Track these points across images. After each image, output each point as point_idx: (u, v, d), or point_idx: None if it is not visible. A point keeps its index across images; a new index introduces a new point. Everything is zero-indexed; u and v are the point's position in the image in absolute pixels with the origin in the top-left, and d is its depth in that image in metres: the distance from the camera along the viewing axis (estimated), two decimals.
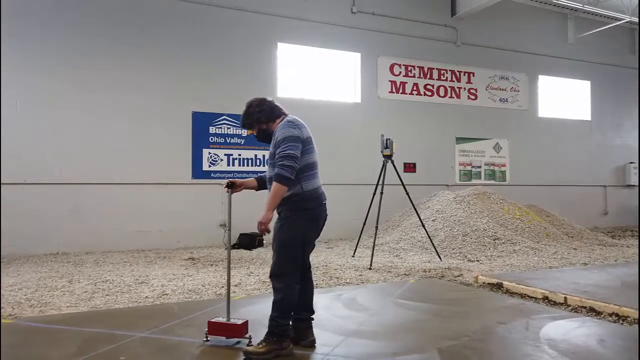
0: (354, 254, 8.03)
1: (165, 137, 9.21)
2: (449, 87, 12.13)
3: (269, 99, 3.43)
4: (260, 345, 3.07)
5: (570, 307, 4.51)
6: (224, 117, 9.58)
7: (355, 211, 9.68)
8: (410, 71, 11.66)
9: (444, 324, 3.82)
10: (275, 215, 3.20)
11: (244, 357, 3.08)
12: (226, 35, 9.70)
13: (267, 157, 10.38)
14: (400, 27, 11.41)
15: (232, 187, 3.50)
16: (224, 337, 3.31)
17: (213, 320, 3.35)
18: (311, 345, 3.26)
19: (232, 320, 3.34)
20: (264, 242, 9.31)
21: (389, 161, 7.52)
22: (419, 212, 9.68)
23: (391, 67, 11.41)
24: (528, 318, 4.02)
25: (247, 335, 3.27)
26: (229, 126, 9.62)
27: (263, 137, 3.40)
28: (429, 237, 7.67)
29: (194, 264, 7.41)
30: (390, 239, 8.91)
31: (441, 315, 4.08)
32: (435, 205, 9.56)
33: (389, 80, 11.39)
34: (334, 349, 3.21)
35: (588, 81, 13.98)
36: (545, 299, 4.83)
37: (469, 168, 12.40)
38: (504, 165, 12.83)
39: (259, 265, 7.18)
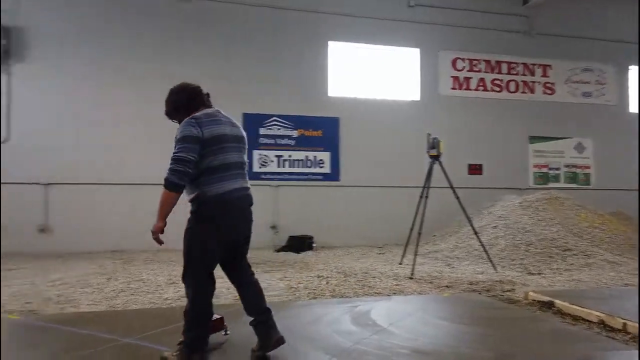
0: (401, 261, 7.52)
1: None
2: (521, 81, 11.11)
3: (194, 86, 3.10)
4: (175, 354, 2.88)
5: (630, 336, 3.75)
6: (274, 118, 9.49)
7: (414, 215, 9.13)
8: (476, 65, 10.84)
9: (455, 348, 3.30)
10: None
11: None
12: (276, 35, 9.63)
13: (318, 157, 10.07)
14: (463, 18, 10.65)
15: None
16: None
17: None
18: (278, 344, 2.96)
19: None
20: (314, 245, 9.09)
21: (436, 162, 6.94)
22: (479, 218, 8.95)
23: (454, 62, 10.67)
24: (563, 346, 3.37)
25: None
26: (279, 127, 9.51)
27: None
28: (482, 245, 6.96)
29: None
30: (445, 247, 8.27)
31: (457, 338, 3.54)
32: (498, 210, 8.73)
33: (451, 76, 10.67)
34: None
35: None
36: (602, 323, 4.06)
37: (545, 170, 11.26)
38: (587, 167, 11.49)
39: (299, 269, 6.95)
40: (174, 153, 2.80)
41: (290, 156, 9.56)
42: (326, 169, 9.73)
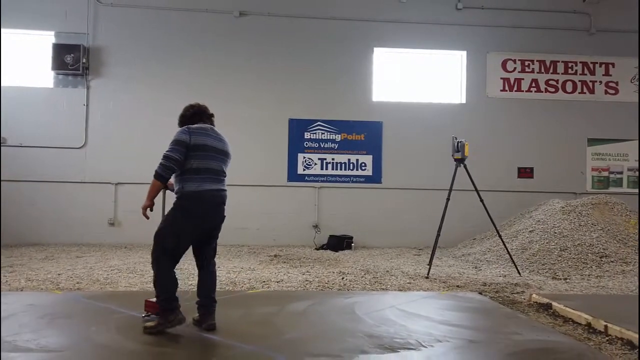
0: (430, 262, 7.63)
1: (265, 143, 9.97)
2: (579, 81, 10.62)
3: (197, 105, 3.77)
4: (153, 322, 3.51)
5: (608, 338, 3.76)
6: (318, 122, 9.97)
7: (460, 218, 9.17)
8: (528, 66, 10.54)
9: (405, 335, 3.54)
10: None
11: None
12: (321, 45, 10.08)
13: (360, 161, 10.42)
14: (515, 19, 10.43)
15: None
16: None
17: (149, 299, 3.87)
18: (210, 328, 3.56)
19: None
20: (353, 245, 9.43)
21: (461, 165, 7.00)
22: (520, 222, 8.79)
23: (504, 64, 10.48)
24: (509, 336, 3.48)
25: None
26: (323, 131, 9.97)
27: None
28: (505, 248, 6.91)
29: (272, 260, 7.92)
30: (477, 250, 8.24)
31: (417, 327, 3.76)
32: (539, 214, 8.50)
33: (501, 78, 10.48)
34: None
35: None
36: (588, 325, 4.08)
37: (605, 174, 10.65)
38: None
39: (326, 266, 7.34)
40: (165, 151, 3.47)
41: (333, 159, 9.97)
42: (368, 171, 10.03)
